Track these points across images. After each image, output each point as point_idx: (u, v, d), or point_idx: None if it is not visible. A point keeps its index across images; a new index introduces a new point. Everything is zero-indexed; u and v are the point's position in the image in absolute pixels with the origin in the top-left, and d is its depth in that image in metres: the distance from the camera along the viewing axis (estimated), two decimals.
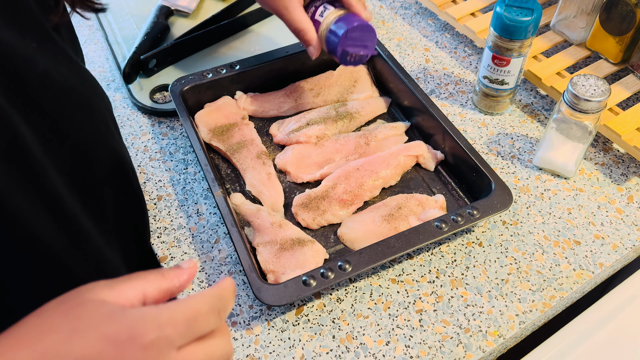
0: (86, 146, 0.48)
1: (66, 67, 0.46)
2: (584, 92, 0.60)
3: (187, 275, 0.36)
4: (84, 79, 0.49)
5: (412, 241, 0.58)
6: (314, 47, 0.65)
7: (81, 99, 0.47)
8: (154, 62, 0.79)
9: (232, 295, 0.35)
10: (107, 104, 0.54)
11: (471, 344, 0.56)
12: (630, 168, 0.70)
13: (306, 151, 0.70)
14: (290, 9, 0.63)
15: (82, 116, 0.47)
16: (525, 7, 0.66)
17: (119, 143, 0.55)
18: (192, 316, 0.32)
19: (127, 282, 0.33)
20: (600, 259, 0.62)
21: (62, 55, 0.46)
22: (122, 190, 0.55)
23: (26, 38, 0.41)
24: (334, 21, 0.63)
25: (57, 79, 0.43)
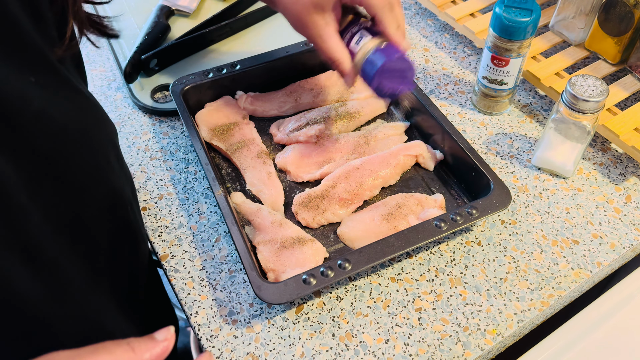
0: (81, 185, 0.46)
1: (67, 100, 0.44)
2: (582, 93, 0.61)
3: (160, 349, 0.33)
4: (86, 112, 0.47)
5: (411, 240, 0.58)
6: (349, 77, 0.60)
7: (80, 135, 0.45)
8: (154, 61, 0.80)
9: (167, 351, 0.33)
10: (110, 134, 0.52)
11: (470, 342, 0.56)
12: (629, 168, 0.71)
13: (306, 150, 0.71)
14: (325, 37, 0.58)
15: (80, 154, 0.45)
16: (524, 8, 0.66)
17: (119, 177, 0.53)
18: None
19: (90, 357, 0.31)
20: (598, 258, 0.62)
21: (65, 87, 0.44)
22: (117, 227, 0.53)
23: (24, 72, 0.38)
24: (371, 52, 0.58)
25: (54, 116, 0.41)
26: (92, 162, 0.47)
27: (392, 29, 0.58)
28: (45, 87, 0.40)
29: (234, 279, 0.61)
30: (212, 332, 0.57)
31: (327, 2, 0.56)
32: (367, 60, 0.58)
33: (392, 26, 0.57)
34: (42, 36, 0.40)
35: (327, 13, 0.57)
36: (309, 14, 0.57)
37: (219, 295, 0.59)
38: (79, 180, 0.45)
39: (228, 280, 0.61)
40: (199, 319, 0.58)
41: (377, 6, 0.56)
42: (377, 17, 0.57)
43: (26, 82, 0.38)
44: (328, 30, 0.58)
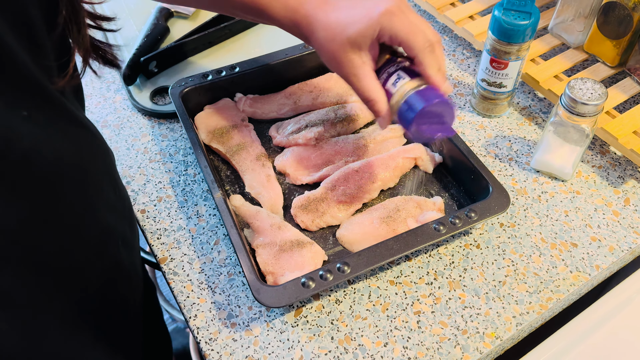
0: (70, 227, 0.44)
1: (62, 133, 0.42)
2: (581, 96, 0.61)
3: None
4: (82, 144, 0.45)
5: (410, 243, 0.58)
6: (384, 119, 0.56)
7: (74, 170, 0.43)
8: (154, 63, 0.80)
9: None
10: (107, 164, 0.50)
11: (469, 345, 0.56)
12: (627, 171, 0.71)
13: (305, 153, 0.71)
14: (361, 76, 0.55)
15: (71, 192, 0.43)
16: (523, 11, 0.66)
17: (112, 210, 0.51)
18: None
19: None
20: (597, 261, 0.62)
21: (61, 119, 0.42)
22: (108, 266, 0.52)
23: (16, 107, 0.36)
24: (409, 94, 0.54)
25: (45, 153, 0.39)
26: (84, 199, 0.45)
27: (433, 70, 0.54)
28: (39, 122, 0.39)
29: (232, 282, 0.61)
30: (210, 335, 0.57)
31: (364, 41, 0.53)
32: (405, 102, 0.54)
33: (433, 68, 0.54)
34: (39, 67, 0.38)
35: (364, 52, 0.54)
36: (345, 52, 0.54)
37: (218, 298, 0.59)
38: (67, 222, 0.43)
39: (227, 283, 0.61)
40: (197, 322, 0.58)
41: (418, 47, 0.53)
42: (418, 58, 0.54)
43: (17, 117, 0.36)
44: (365, 69, 0.55)
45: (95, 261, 0.48)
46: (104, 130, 0.76)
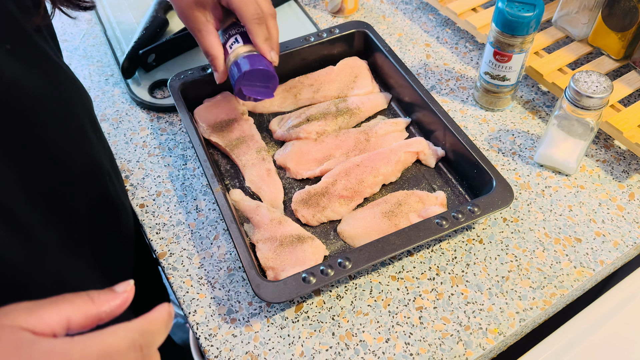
0: (57, 156, 0.46)
1: (42, 71, 0.45)
2: (585, 89, 0.60)
3: (120, 300, 0.33)
4: (61, 84, 0.48)
5: (412, 238, 0.58)
6: (219, 74, 0.65)
7: (54, 107, 0.46)
8: (152, 56, 0.79)
9: (161, 328, 0.32)
10: (86, 106, 0.54)
11: (471, 341, 0.55)
12: (632, 165, 0.70)
13: (306, 147, 0.70)
14: (204, 32, 0.63)
15: (54, 125, 0.46)
16: (527, 3, 0.65)
17: (95, 149, 0.54)
18: (107, 352, 0.30)
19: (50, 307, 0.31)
20: (601, 257, 0.62)
21: (40, 58, 0.45)
22: (96, 199, 0.53)
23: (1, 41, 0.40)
24: (239, 57, 0.63)
25: (26, 86, 0.42)
26: (67, 133, 0.48)
27: (260, 40, 0.62)
28: (20, 57, 0.42)
29: (232, 277, 0.60)
30: (210, 330, 0.56)
31: (207, 2, 0.62)
32: (234, 63, 0.63)
33: (260, 37, 0.62)
34: (18, 6, 0.42)
35: (208, 11, 0.63)
36: (192, 9, 0.62)
37: (218, 294, 0.59)
38: (53, 151, 0.46)
39: (227, 278, 0.60)
40: (197, 318, 0.57)
41: (246, 17, 0.61)
42: (247, 27, 0.62)
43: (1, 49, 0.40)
44: (208, 27, 0.63)
45: (85, 191, 0.52)
46: (102, 123, 0.75)
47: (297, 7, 0.91)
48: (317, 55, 0.79)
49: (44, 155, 0.45)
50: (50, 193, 0.46)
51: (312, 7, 0.92)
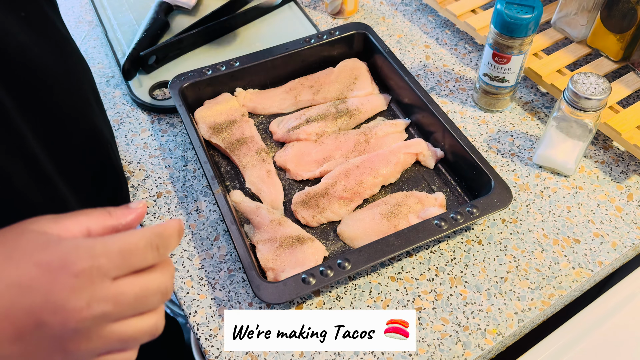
0: (64, 119, 0.49)
1: (51, 41, 0.48)
2: (584, 90, 0.60)
3: (134, 215, 0.36)
4: (66, 54, 0.51)
5: (411, 239, 0.58)
6: None
7: (60, 73, 0.48)
8: (153, 58, 0.79)
9: (175, 234, 0.35)
10: (88, 79, 0.56)
11: (470, 342, 0.56)
12: (630, 166, 0.70)
13: (306, 148, 0.70)
14: None
15: (60, 90, 0.49)
16: (526, 5, 0.65)
17: (98, 118, 0.57)
18: (127, 249, 0.32)
19: (72, 218, 0.34)
20: (600, 257, 0.62)
21: (49, 27, 0.48)
22: (100, 164, 0.57)
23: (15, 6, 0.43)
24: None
25: (34, 52, 0.45)
26: (72, 99, 0.51)
27: None
28: (33, 25, 0.45)
29: (233, 278, 0.60)
30: (211, 331, 0.57)
31: None
32: None
33: None
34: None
35: None
36: None
37: (218, 295, 0.59)
38: (61, 113, 0.49)
39: (227, 279, 0.60)
40: (197, 318, 0.58)
41: None
42: None
43: (16, 16, 0.42)
44: None
45: (89, 156, 0.54)
46: None
47: (297, 8, 0.91)
48: (317, 57, 0.79)
49: (52, 116, 0.47)
50: (58, 152, 0.48)
51: (312, 9, 0.93)
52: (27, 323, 0.30)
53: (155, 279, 0.34)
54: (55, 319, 0.30)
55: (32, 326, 0.30)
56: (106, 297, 0.31)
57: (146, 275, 0.34)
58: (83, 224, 0.34)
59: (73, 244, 0.32)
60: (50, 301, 0.30)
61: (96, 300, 0.31)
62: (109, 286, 0.31)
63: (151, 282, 0.34)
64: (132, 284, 0.33)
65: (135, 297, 0.32)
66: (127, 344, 0.33)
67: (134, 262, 0.33)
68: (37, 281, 0.30)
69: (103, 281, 0.31)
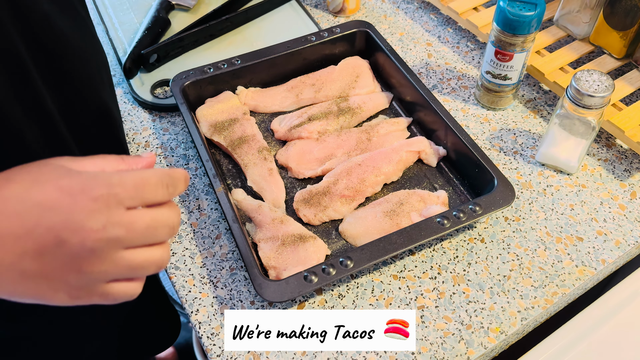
0: (79, 92, 0.52)
1: (71, 17, 0.51)
2: (587, 88, 0.60)
3: (145, 162, 0.39)
4: (84, 33, 0.54)
5: (413, 237, 0.58)
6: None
7: (77, 48, 0.51)
8: (154, 56, 0.79)
9: (182, 179, 0.38)
10: (103, 60, 0.59)
11: (473, 340, 0.56)
12: (634, 164, 0.70)
13: (308, 147, 0.70)
14: None
15: (78, 64, 0.52)
16: (529, 2, 0.65)
17: (109, 97, 0.60)
18: (140, 182, 0.35)
19: (89, 159, 0.38)
20: (603, 256, 0.62)
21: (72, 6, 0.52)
22: (107, 139, 0.59)
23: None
24: None
25: (58, 24, 0.48)
26: (88, 75, 0.54)
27: None
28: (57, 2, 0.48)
29: (234, 277, 0.60)
30: (212, 330, 0.57)
31: None
32: None
33: None
34: None
35: None
36: None
37: (220, 293, 0.59)
38: (77, 83, 0.52)
39: (229, 277, 0.60)
40: (199, 317, 0.57)
41: None
42: None
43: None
44: None
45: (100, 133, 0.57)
46: None
47: (299, 6, 0.91)
48: (319, 55, 0.79)
49: (68, 85, 0.50)
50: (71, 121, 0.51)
51: (313, 7, 0.92)
52: (48, 240, 0.33)
53: (165, 213, 0.36)
54: (75, 237, 0.33)
55: (52, 244, 0.33)
56: (120, 222, 0.34)
57: (157, 209, 0.36)
58: (99, 165, 0.37)
59: (92, 174, 0.35)
60: (70, 220, 0.33)
61: (111, 223, 0.33)
62: (123, 213, 0.34)
63: (161, 215, 0.36)
64: (144, 214, 0.35)
65: (146, 226, 0.35)
66: (135, 271, 0.36)
67: (146, 195, 0.35)
68: (58, 202, 0.33)
69: (118, 208, 0.34)
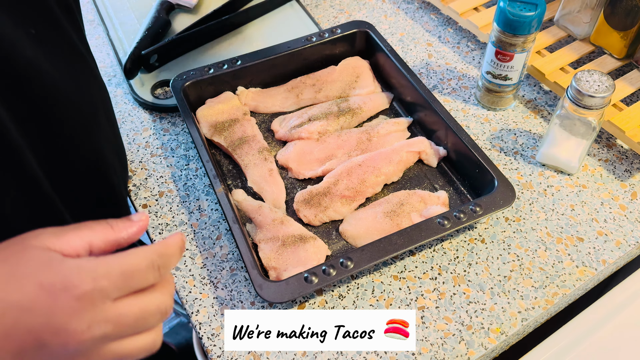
0: (67, 139, 0.48)
1: (63, 57, 0.46)
2: (587, 88, 0.60)
3: (136, 227, 0.36)
4: (80, 71, 0.49)
5: (414, 238, 0.58)
6: None
7: (70, 91, 0.47)
8: (155, 57, 0.79)
9: (176, 252, 0.35)
10: (102, 97, 0.54)
11: (473, 340, 0.55)
12: (634, 164, 0.70)
13: (308, 147, 0.70)
14: None
15: (67, 109, 0.47)
16: (529, 2, 0.65)
17: (107, 139, 0.55)
18: (128, 270, 0.32)
19: (74, 231, 0.34)
20: (604, 256, 0.62)
21: (63, 43, 0.46)
22: (100, 189, 0.55)
23: (26, 23, 0.41)
24: None
25: (46, 69, 0.43)
26: (79, 119, 0.49)
27: None
28: (44, 42, 0.43)
29: (235, 277, 0.60)
30: (213, 330, 0.57)
31: None
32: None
33: None
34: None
35: None
36: None
37: (220, 294, 0.59)
38: (64, 134, 0.47)
39: (229, 278, 0.60)
40: (200, 318, 0.57)
41: None
42: None
43: (25, 32, 0.40)
44: None
45: (89, 180, 0.52)
46: None
47: (299, 7, 0.91)
48: (319, 55, 0.79)
49: (54, 136, 0.46)
50: (57, 174, 0.47)
51: (313, 7, 0.92)
52: (28, 343, 0.30)
53: (155, 300, 0.34)
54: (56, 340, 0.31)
55: (33, 346, 0.31)
56: (107, 319, 0.31)
57: (146, 295, 0.34)
58: (85, 238, 0.34)
59: (76, 264, 0.32)
60: (51, 323, 0.30)
61: (97, 322, 0.31)
62: (110, 307, 0.32)
63: (151, 302, 0.34)
64: (133, 305, 0.33)
65: (135, 318, 0.33)
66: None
67: (135, 283, 0.33)
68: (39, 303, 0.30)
69: (104, 303, 0.32)
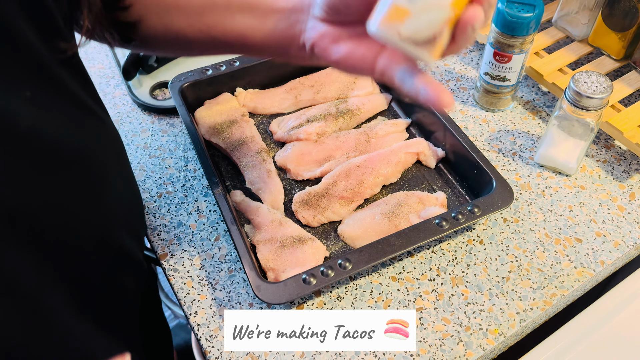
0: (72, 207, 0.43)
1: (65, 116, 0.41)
2: (585, 89, 0.60)
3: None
4: (85, 127, 0.44)
5: (412, 239, 0.58)
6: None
7: (77, 154, 0.42)
8: (153, 58, 0.79)
9: None
10: (115, 148, 0.49)
11: (472, 342, 0.55)
12: (632, 165, 0.70)
13: (306, 148, 0.70)
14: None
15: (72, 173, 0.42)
16: (527, 3, 0.65)
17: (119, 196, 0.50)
18: None
19: None
20: (602, 257, 0.62)
21: (65, 101, 0.41)
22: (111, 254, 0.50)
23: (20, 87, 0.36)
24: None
25: (47, 134, 0.38)
26: (86, 181, 0.44)
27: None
28: (42, 103, 0.38)
29: (233, 279, 0.60)
30: (211, 332, 0.56)
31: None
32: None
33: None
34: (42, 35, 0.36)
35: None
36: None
37: (219, 295, 0.59)
38: (69, 202, 0.42)
39: (227, 279, 0.60)
40: (198, 319, 0.57)
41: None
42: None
43: (19, 97, 0.35)
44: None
45: (97, 247, 0.47)
46: None
47: None
48: None
49: (58, 209, 0.41)
50: (61, 251, 0.43)
51: None
52: None
53: None
54: None
55: None
56: None
57: None
58: None
59: None
60: None
61: None
62: None
63: None
64: None
65: None
66: None
67: None
68: None
69: None
